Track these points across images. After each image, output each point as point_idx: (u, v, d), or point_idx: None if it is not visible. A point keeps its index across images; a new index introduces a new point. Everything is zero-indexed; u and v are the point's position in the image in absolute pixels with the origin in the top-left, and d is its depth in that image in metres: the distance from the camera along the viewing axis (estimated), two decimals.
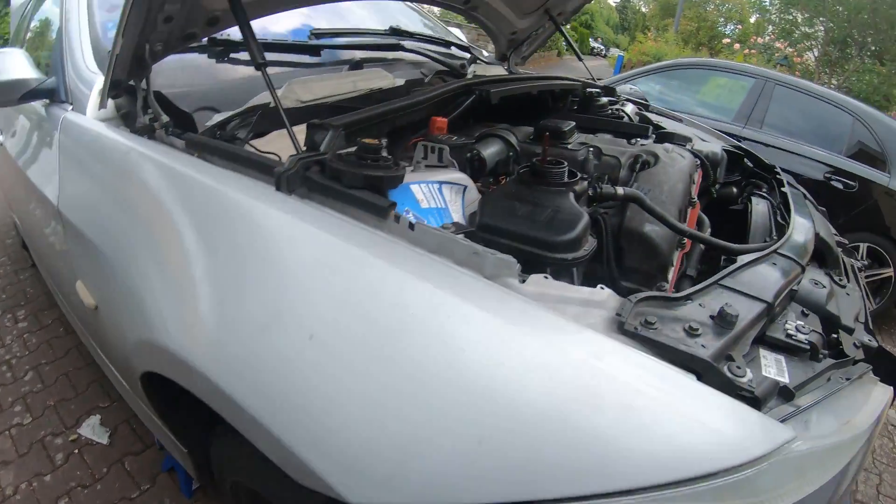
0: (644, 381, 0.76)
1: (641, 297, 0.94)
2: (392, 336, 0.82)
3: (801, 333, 1.04)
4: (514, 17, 2.57)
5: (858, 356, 1.10)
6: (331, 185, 1.05)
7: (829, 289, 1.28)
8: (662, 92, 5.53)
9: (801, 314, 1.17)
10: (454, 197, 1.28)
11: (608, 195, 1.36)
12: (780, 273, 1.17)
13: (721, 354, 0.87)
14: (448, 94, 1.62)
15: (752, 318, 0.98)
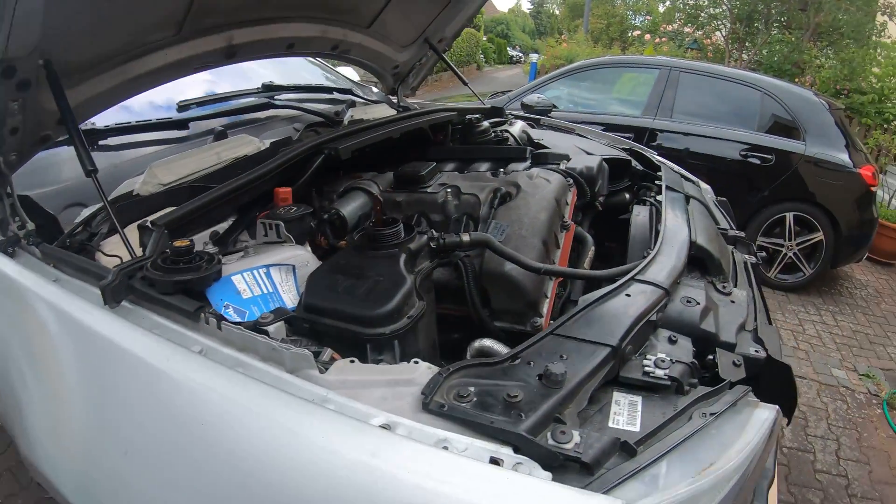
0: (429, 476, 0.72)
1: (456, 368, 0.90)
2: (184, 447, 0.85)
3: (659, 368, 1.00)
4: (393, 51, 2.57)
5: (737, 376, 1.06)
6: (148, 292, 1.06)
7: (704, 304, 1.25)
8: (573, 94, 5.64)
9: (668, 341, 1.13)
10: (284, 277, 1.27)
11: (453, 245, 1.35)
12: (635, 305, 1.14)
13: (546, 419, 0.83)
14: (294, 159, 1.60)
15: (590, 370, 0.94)
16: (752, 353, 1.15)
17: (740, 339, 1.21)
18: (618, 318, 1.09)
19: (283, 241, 1.40)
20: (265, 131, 2.10)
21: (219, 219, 1.44)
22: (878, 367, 3.98)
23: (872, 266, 5.95)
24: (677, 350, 1.10)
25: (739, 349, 1.17)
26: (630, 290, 1.20)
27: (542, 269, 1.32)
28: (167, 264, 1.08)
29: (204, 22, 1.73)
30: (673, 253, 1.40)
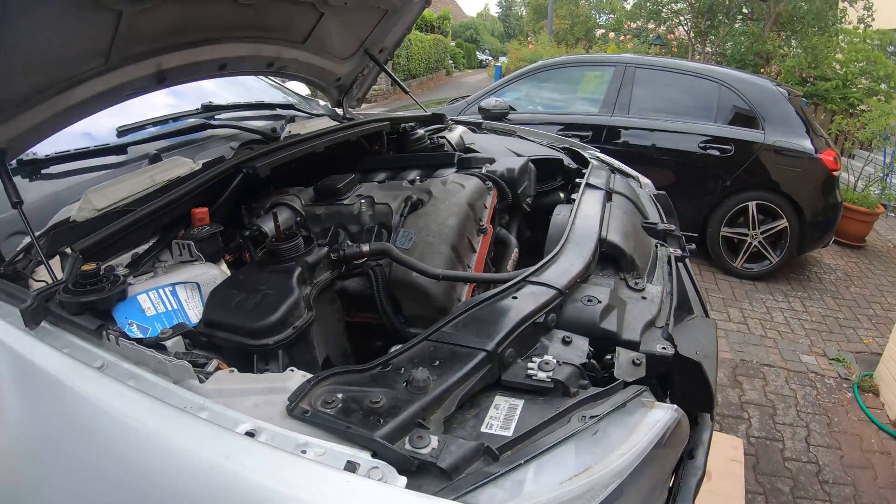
0: (276, 479, 0.78)
1: (326, 375, 0.95)
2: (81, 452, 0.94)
3: (542, 371, 1.01)
4: (333, 64, 2.58)
5: (636, 375, 1.06)
6: (61, 314, 1.13)
7: (607, 302, 1.26)
8: (532, 95, 5.72)
9: (562, 342, 1.14)
10: (190, 294, 1.33)
11: (353, 255, 1.42)
12: (518, 308, 1.15)
13: (407, 425, 0.86)
14: (212, 180, 1.64)
15: (460, 376, 0.96)
16: (658, 351, 1.16)
17: (648, 336, 1.21)
18: (498, 321, 1.10)
19: (195, 260, 1.45)
20: (202, 151, 2.11)
21: (139, 241, 1.48)
22: (849, 351, 4.05)
23: (841, 249, 6.08)
24: (570, 351, 1.11)
25: (644, 347, 1.17)
26: (520, 292, 1.22)
27: (441, 275, 1.37)
28: (76, 287, 1.16)
29: (130, 50, 1.75)
30: (576, 252, 1.42)
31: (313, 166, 2.04)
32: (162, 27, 1.78)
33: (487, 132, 2.79)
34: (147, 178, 1.75)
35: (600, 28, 17.54)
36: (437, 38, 23.46)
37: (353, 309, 1.57)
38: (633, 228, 1.71)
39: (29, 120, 1.62)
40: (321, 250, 1.41)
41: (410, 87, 18.59)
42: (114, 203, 1.61)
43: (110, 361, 1.03)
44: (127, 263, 1.42)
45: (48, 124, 1.69)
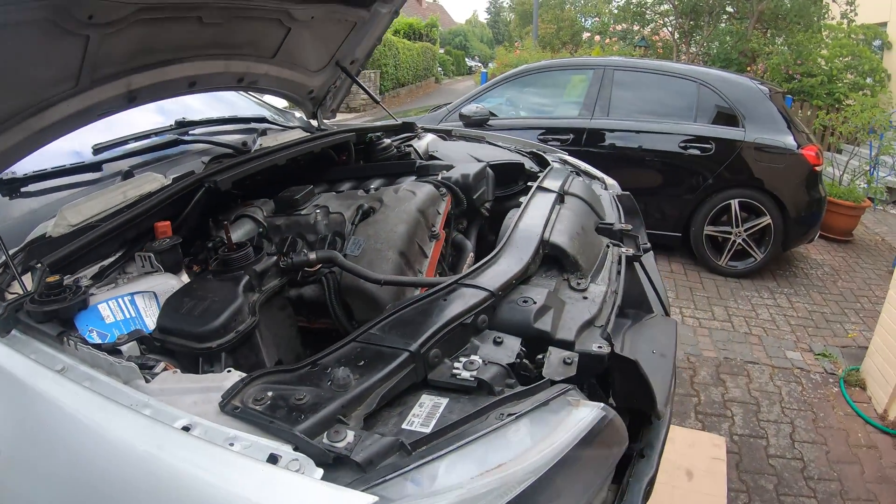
0: (200, 467, 0.87)
1: (258, 375, 1.03)
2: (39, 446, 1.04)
3: (467, 371, 1.07)
4: (304, 77, 2.63)
5: (565, 374, 1.10)
6: (28, 322, 1.22)
7: (543, 303, 1.30)
8: (514, 100, 5.79)
9: (493, 342, 1.20)
10: (148, 303, 1.43)
11: (300, 263, 1.50)
12: (445, 310, 1.21)
13: (328, 420, 0.93)
14: (176, 195, 1.72)
15: (381, 375, 1.02)
16: (593, 350, 1.19)
17: (585, 336, 1.25)
18: (424, 322, 1.16)
19: (155, 271, 1.54)
20: (174, 167, 2.17)
21: (106, 254, 1.58)
22: (836, 346, 4.09)
23: (828, 244, 6.14)
24: (499, 351, 1.16)
25: (580, 346, 1.21)
26: (452, 294, 1.27)
27: (383, 280, 1.44)
28: (42, 298, 1.25)
29: (100, 72, 1.83)
30: (515, 254, 1.47)
31: (282, 177, 2.10)
32: (130, 49, 1.86)
33: (457, 139, 2.84)
34: (120, 193, 1.83)
35: (586, 31, 17.71)
36: (426, 46, 23.62)
37: (312, 315, 1.64)
38: (581, 230, 1.75)
39: (4, 143, 1.71)
40: (269, 259, 1.49)
41: (399, 95, 18.77)
42: (87, 218, 1.70)
43: (70, 365, 1.12)
44: (93, 275, 1.50)
45: (23, 146, 1.78)
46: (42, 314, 1.23)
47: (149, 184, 1.90)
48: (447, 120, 5.37)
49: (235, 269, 1.44)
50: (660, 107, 5.13)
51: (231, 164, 1.90)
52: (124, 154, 2.24)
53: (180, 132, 2.40)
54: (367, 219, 1.75)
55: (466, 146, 2.65)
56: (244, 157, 2.01)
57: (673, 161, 4.97)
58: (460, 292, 1.28)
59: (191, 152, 2.34)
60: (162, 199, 1.69)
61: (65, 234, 1.63)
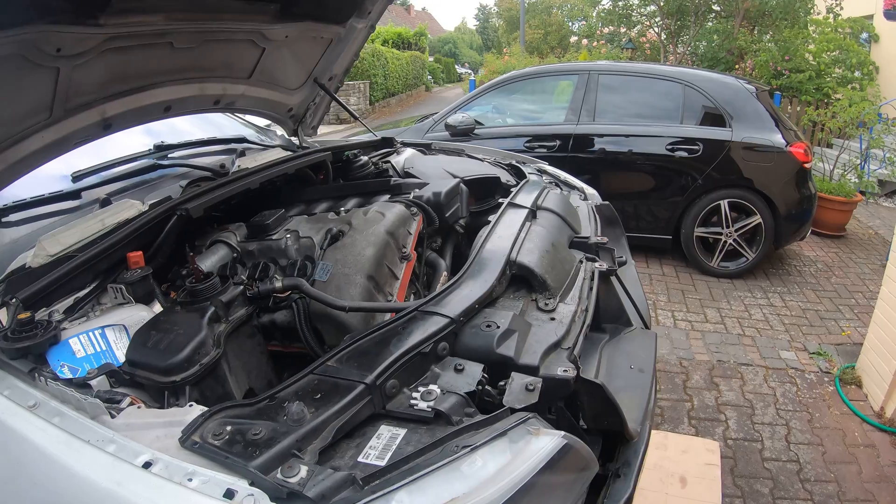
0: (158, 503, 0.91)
1: (218, 409, 1.05)
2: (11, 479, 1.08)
3: (424, 402, 1.08)
4: (283, 96, 2.64)
5: (528, 401, 1.10)
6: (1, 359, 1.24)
7: (507, 327, 1.29)
8: (501, 108, 5.81)
9: (454, 369, 1.20)
10: (118, 336, 1.46)
11: (267, 291, 1.52)
12: (402, 339, 1.21)
13: (283, 455, 0.94)
14: (147, 225, 1.74)
15: (336, 409, 1.04)
16: (558, 374, 1.18)
17: (551, 359, 1.24)
18: (381, 353, 1.17)
19: (127, 303, 1.56)
20: (152, 192, 2.18)
21: (80, 286, 1.59)
22: (830, 344, 4.09)
23: (821, 240, 6.16)
24: (460, 379, 1.16)
25: (544, 370, 1.20)
26: (409, 322, 1.28)
27: (347, 307, 1.46)
28: (14, 335, 1.28)
29: (73, 102, 1.85)
30: (479, 277, 1.46)
31: (259, 198, 2.11)
32: (101, 77, 1.88)
33: (436, 153, 2.85)
34: (98, 221, 1.85)
35: (573, 35, 17.81)
36: (415, 55, 23.73)
37: (286, 340, 1.65)
38: (552, 247, 1.74)
39: None
40: (236, 289, 1.50)
41: (389, 105, 18.84)
42: (66, 248, 1.71)
43: (41, 401, 1.15)
44: (66, 308, 1.52)
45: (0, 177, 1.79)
46: (14, 351, 1.25)
47: (126, 211, 1.92)
48: (433, 130, 5.39)
49: (202, 300, 1.44)
50: (646, 110, 5.15)
51: (206, 188, 1.91)
52: (103, 181, 2.25)
53: (159, 156, 2.41)
54: (335, 243, 1.77)
55: (444, 160, 2.65)
56: (221, 180, 2.02)
57: (661, 164, 4.99)
58: (421, 319, 1.28)
59: (169, 176, 2.34)
60: (134, 229, 1.71)
61: (44, 264, 1.64)
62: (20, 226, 1.98)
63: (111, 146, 2.31)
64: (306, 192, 2.28)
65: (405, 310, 1.31)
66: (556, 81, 5.87)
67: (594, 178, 4.28)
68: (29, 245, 1.77)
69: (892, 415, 3.30)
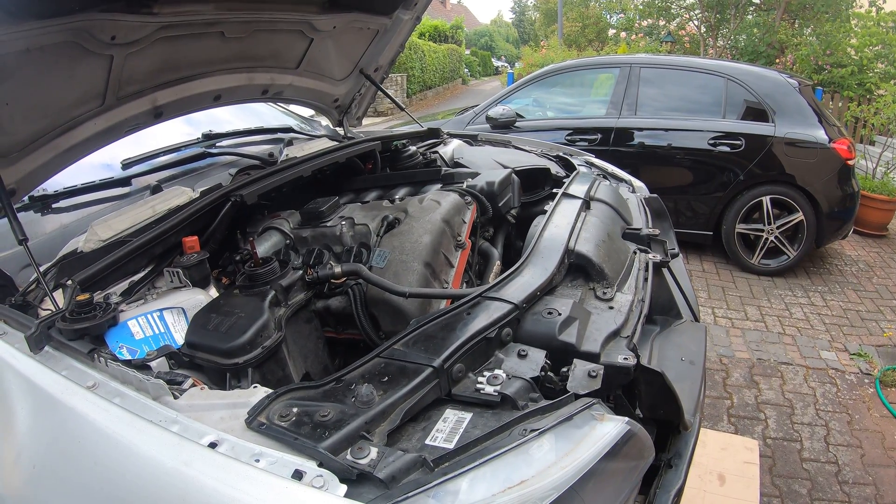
0: (225, 483, 0.87)
1: (284, 391, 1.01)
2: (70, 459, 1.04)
3: (490, 385, 1.05)
4: (329, 86, 2.61)
5: (590, 387, 1.07)
6: (60, 339, 1.23)
7: (568, 314, 1.26)
8: (541, 101, 5.69)
9: (518, 355, 1.17)
10: (176, 319, 1.43)
11: (326, 277, 1.48)
12: (468, 324, 1.18)
13: (352, 437, 0.92)
14: (202, 210, 1.72)
15: (405, 391, 1.01)
16: (619, 362, 1.15)
17: (611, 347, 1.22)
18: (447, 337, 1.14)
19: (184, 286, 1.53)
20: (202, 180, 2.18)
21: (136, 270, 1.58)
22: (871, 345, 3.92)
23: (862, 240, 5.90)
24: (524, 365, 1.13)
25: (605, 358, 1.17)
26: (476, 308, 1.25)
27: (408, 293, 1.42)
28: (73, 316, 1.27)
29: (125, 90, 1.85)
30: (540, 265, 1.43)
31: (309, 187, 2.09)
32: (153, 66, 1.87)
33: (483, 144, 2.80)
34: (148, 208, 1.84)
35: (612, 28, 17.42)
36: (451, 48, 23.56)
37: (340, 326, 1.63)
38: (607, 237, 1.70)
39: (34, 161, 1.76)
40: (295, 273, 1.48)
41: (426, 97, 18.77)
42: (117, 233, 1.71)
43: (100, 381, 1.13)
44: (123, 291, 1.51)
45: (53, 163, 1.82)
46: (73, 332, 1.24)
47: (177, 198, 1.91)
48: (474, 122, 5.31)
49: (261, 285, 1.43)
50: (688, 103, 4.98)
51: (257, 176, 1.89)
52: (152, 168, 2.26)
53: (207, 145, 2.40)
54: (392, 230, 1.73)
55: (492, 151, 2.60)
56: (270, 168, 2.00)
57: (702, 158, 4.82)
58: (484, 305, 1.26)
59: (218, 164, 2.35)
60: (189, 215, 1.68)
61: (96, 248, 1.64)
62: (71, 212, 2.01)
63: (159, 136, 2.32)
64: (355, 180, 2.26)
65: (468, 296, 1.28)
66: (597, 75, 5.73)
67: (635, 172, 4.12)
68: (80, 231, 1.78)
69: None
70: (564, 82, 5.73)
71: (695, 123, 4.85)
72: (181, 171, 2.27)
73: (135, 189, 2.15)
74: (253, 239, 1.57)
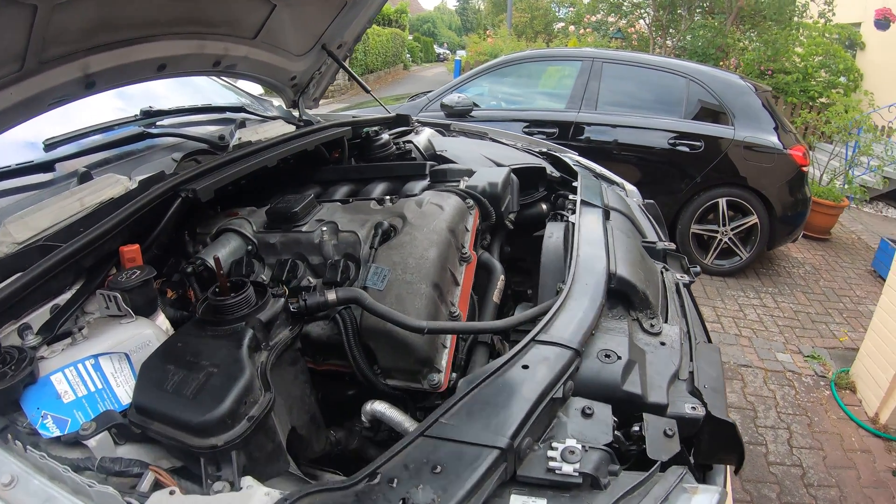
0: None
1: (300, 496, 0.77)
2: None
3: (568, 463, 0.85)
4: (287, 62, 2.41)
5: (670, 451, 0.92)
6: None
7: (627, 357, 1.10)
8: (496, 91, 5.61)
9: (582, 414, 0.97)
10: (118, 367, 1.10)
11: (317, 306, 1.20)
12: (533, 382, 0.97)
13: None
14: (145, 208, 1.40)
15: (471, 486, 0.79)
16: (687, 413, 1.02)
17: (673, 393, 1.07)
18: (510, 403, 0.92)
19: (124, 315, 1.19)
20: (140, 166, 1.88)
21: (59, 288, 1.24)
22: (823, 347, 4.09)
23: (808, 243, 6.17)
24: (593, 427, 0.95)
25: (672, 409, 1.03)
26: (528, 356, 1.03)
27: (426, 328, 1.17)
28: None
29: (51, 52, 1.55)
30: (587, 294, 1.23)
31: (265, 178, 1.86)
32: (86, 24, 1.58)
33: (457, 135, 2.64)
34: (76, 200, 1.51)
35: (560, 21, 17.64)
36: (395, 32, 23.26)
37: (319, 356, 1.38)
38: (639, 255, 1.54)
39: None
40: (277, 302, 1.17)
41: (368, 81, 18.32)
42: (37, 234, 1.38)
43: (20, 475, 0.82)
44: (42, 325, 1.17)
45: None
46: None
47: (110, 188, 1.59)
48: (427, 110, 5.18)
49: (234, 320, 1.10)
50: (649, 102, 5.04)
51: (210, 165, 1.62)
52: (81, 151, 1.91)
53: (146, 124, 2.12)
54: (387, 240, 1.47)
55: (473, 144, 2.44)
56: (226, 155, 1.73)
57: (662, 157, 4.89)
58: (541, 353, 1.04)
59: (159, 147, 2.05)
60: (128, 215, 1.36)
61: (10, 254, 1.30)
62: None
63: (89, 111, 2.02)
64: (322, 171, 2.03)
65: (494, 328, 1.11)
66: (557, 67, 5.68)
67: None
68: None
69: (886, 421, 3.32)
70: (520, 73, 5.67)
71: (655, 122, 4.91)
72: (115, 155, 1.95)
73: (59, 175, 1.80)
74: (218, 256, 1.24)
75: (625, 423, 1.00)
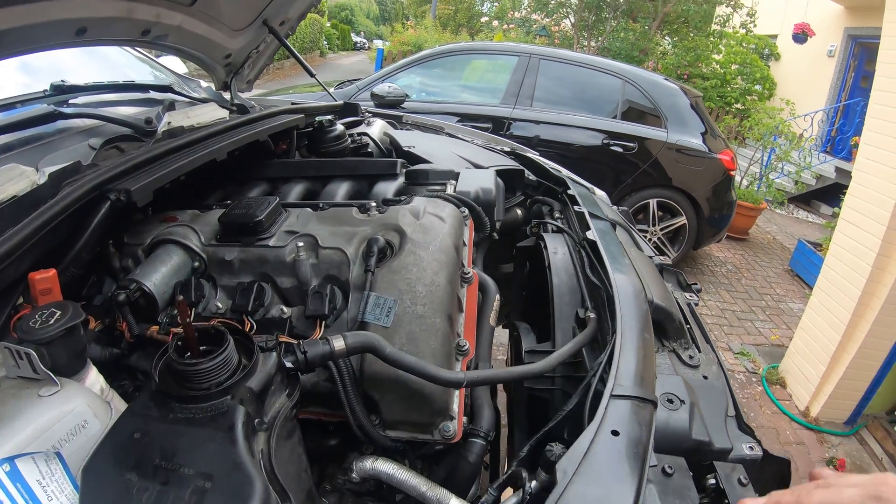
0: None
1: None
2: None
3: None
4: (224, 37, 2.19)
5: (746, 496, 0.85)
6: None
7: (689, 401, 1.00)
8: (425, 83, 5.51)
9: (663, 473, 0.87)
10: (46, 470, 0.76)
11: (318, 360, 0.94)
12: (630, 456, 0.83)
13: None
14: (60, 216, 1.07)
15: None
16: (748, 455, 0.97)
17: (727, 432, 1.00)
18: (614, 484, 0.78)
19: (41, 379, 0.82)
20: (49, 154, 1.55)
21: None
22: (751, 344, 4.30)
23: (728, 242, 6.52)
24: (675, 482, 0.86)
25: (735, 453, 0.96)
26: (613, 418, 0.87)
27: (465, 380, 0.98)
28: None
29: None
30: (634, 328, 1.08)
31: (200, 173, 1.52)
32: None
33: (411, 128, 2.47)
34: None
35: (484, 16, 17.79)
36: (313, 17, 22.61)
37: (302, 403, 1.09)
38: (658, 277, 1.40)
39: None
40: (268, 359, 0.89)
41: (283, 67, 17.82)
42: None
43: None
44: None
45: None
46: None
47: (12, 183, 1.22)
48: (356, 99, 4.98)
49: (213, 394, 0.80)
50: (585, 101, 5.11)
51: (142, 157, 1.31)
52: None
53: (58, 101, 1.82)
54: (385, 261, 1.22)
55: (439, 141, 2.25)
56: (154, 145, 1.44)
57: (595, 157, 4.98)
58: (620, 411, 0.89)
59: (72, 131, 1.72)
60: (38, 227, 1.03)
61: None
62: None
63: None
64: (269, 166, 1.77)
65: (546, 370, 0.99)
66: (491, 61, 5.64)
67: None
68: None
69: (817, 414, 3.54)
70: (453, 65, 5.61)
71: (592, 122, 4.99)
72: (18, 140, 1.60)
73: None
74: (181, 298, 1.00)
75: (696, 471, 0.92)
